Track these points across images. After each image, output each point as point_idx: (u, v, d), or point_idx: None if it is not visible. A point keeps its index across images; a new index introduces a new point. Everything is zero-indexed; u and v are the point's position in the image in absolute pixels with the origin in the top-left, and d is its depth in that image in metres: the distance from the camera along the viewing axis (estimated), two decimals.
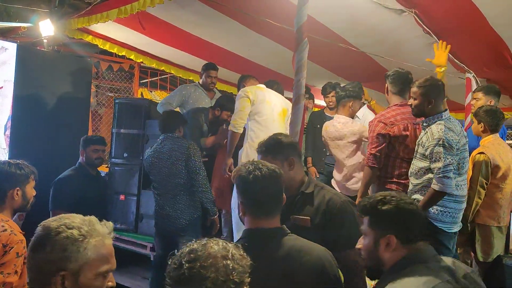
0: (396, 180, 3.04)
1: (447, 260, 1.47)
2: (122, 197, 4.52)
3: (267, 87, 3.66)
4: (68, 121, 4.79)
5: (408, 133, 3.00)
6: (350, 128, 3.68)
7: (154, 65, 5.71)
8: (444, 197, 2.62)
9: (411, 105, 2.88)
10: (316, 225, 1.96)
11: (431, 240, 1.64)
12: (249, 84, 3.88)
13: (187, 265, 1.11)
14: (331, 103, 4.54)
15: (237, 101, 3.48)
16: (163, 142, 3.38)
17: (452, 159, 2.63)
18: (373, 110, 4.31)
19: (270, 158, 1.97)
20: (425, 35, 3.85)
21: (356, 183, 3.62)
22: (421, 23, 3.65)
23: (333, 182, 3.81)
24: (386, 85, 3.24)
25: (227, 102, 4.08)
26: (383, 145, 3.02)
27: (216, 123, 4.14)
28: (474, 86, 4.65)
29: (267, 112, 3.47)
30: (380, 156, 3.03)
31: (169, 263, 1.17)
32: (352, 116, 3.84)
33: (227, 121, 3.93)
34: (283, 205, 1.69)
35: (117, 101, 4.81)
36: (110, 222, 1.34)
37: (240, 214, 1.66)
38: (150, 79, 8.36)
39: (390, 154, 3.08)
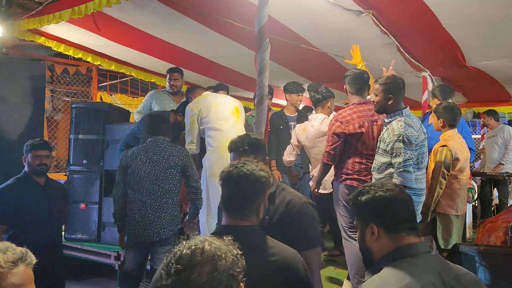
0: (357, 177, 3.12)
1: (439, 259, 1.43)
2: (82, 206, 4.36)
3: (214, 91, 3.82)
4: (20, 129, 4.38)
5: (364, 130, 3.10)
6: (328, 122, 3.75)
7: (113, 68, 5.52)
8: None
9: (373, 101, 2.97)
10: (274, 224, 1.96)
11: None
12: (196, 95, 3.89)
13: (181, 272, 1.05)
14: (299, 102, 4.56)
15: (186, 121, 3.67)
16: (155, 144, 3.09)
17: (411, 154, 2.73)
18: None
19: (253, 158, 1.93)
20: (382, 36, 3.96)
21: None
22: (379, 24, 3.75)
23: (312, 183, 3.77)
24: (345, 85, 3.32)
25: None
26: (338, 143, 3.13)
27: (178, 128, 4.06)
28: (430, 84, 4.85)
29: (217, 115, 3.58)
30: (335, 154, 3.15)
31: (162, 270, 1.09)
32: (329, 114, 3.97)
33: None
34: None
35: (74, 105, 4.63)
36: (20, 248, 1.27)
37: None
38: (109, 82, 8.11)
39: (348, 151, 3.17)
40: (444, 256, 3.17)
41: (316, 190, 3.47)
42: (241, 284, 1.11)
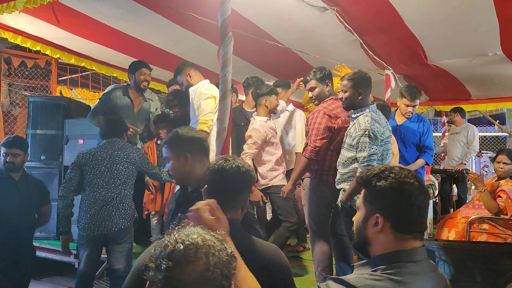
0: (333, 174, 3.10)
1: (434, 267, 1.34)
2: None
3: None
4: None
5: (347, 125, 3.08)
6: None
7: (72, 61, 5.32)
8: None
9: (341, 98, 2.96)
10: None
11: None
12: (195, 75, 3.81)
13: (172, 269, 0.98)
14: None
15: (204, 101, 3.58)
16: (112, 144, 3.23)
17: (376, 149, 2.75)
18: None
19: (168, 152, 2.04)
20: (346, 33, 3.99)
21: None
22: (343, 21, 3.77)
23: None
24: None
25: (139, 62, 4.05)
26: (328, 137, 3.10)
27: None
28: (393, 82, 4.95)
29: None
30: (321, 148, 3.10)
31: (151, 263, 1.02)
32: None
33: (141, 88, 4.09)
34: (177, 200, 1.83)
35: (31, 99, 4.46)
36: None
37: None
38: (69, 76, 7.84)
39: (329, 147, 3.15)
40: None
41: (288, 192, 3.40)
42: (232, 283, 1.05)
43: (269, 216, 4.61)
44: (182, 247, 0.99)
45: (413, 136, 4.04)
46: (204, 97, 3.60)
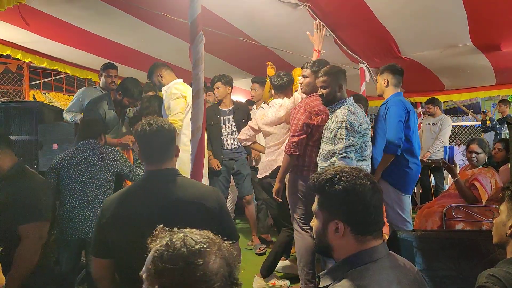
0: (314, 169, 3.13)
1: (398, 262, 1.35)
2: None
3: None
4: None
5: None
6: (285, 107, 3.69)
7: (45, 65, 5.22)
8: None
9: (321, 95, 2.97)
10: None
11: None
12: (166, 75, 3.77)
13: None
14: (216, 95, 4.58)
15: (174, 101, 3.55)
16: (88, 146, 3.18)
17: (353, 141, 2.79)
18: None
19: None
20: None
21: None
22: (315, 16, 3.80)
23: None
24: (309, 77, 3.30)
25: (132, 87, 3.87)
26: (306, 133, 3.11)
27: (120, 107, 3.98)
28: (367, 76, 5.00)
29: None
30: (301, 144, 3.11)
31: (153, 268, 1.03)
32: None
33: (129, 106, 4.01)
34: None
35: (2, 105, 4.34)
36: None
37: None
38: (42, 80, 7.67)
39: (308, 143, 3.17)
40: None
41: (277, 190, 3.32)
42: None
43: None
44: (184, 265, 1.01)
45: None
46: (174, 97, 3.58)
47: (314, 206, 1.38)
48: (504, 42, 4.32)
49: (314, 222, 1.39)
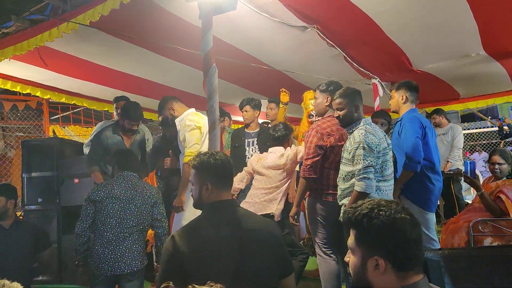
0: (332, 192, 3.08)
1: None
2: None
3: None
4: None
5: (343, 143, 3.05)
6: (287, 156, 3.69)
7: (63, 100, 5.37)
8: None
9: (338, 117, 2.96)
10: None
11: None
12: (177, 107, 3.78)
13: None
14: (245, 118, 4.54)
15: (189, 133, 3.49)
16: (127, 180, 3.09)
17: (371, 161, 2.74)
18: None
19: None
20: (329, 48, 4.05)
21: None
22: (324, 37, 3.83)
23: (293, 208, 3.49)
24: (327, 97, 3.25)
25: (129, 109, 3.93)
26: (320, 155, 3.07)
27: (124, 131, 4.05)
28: (381, 91, 4.99)
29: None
30: (316, 167, 3.07)
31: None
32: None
33: (131, 130, 4.01)
34: None
35: (24, 143, 4.47)
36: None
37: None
38: (61, 114, 7.87)
39: (324, 165, 3.12)
40: None
41: (294, 214, 3.30)
42: None
43: None
44: None
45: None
46: (188, 129, 3.54)
47: (351, 241, 1.32)
48: None
49: (351, 258, 1.33)
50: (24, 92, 5.09)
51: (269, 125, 5.00)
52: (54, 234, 4.18)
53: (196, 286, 1.14)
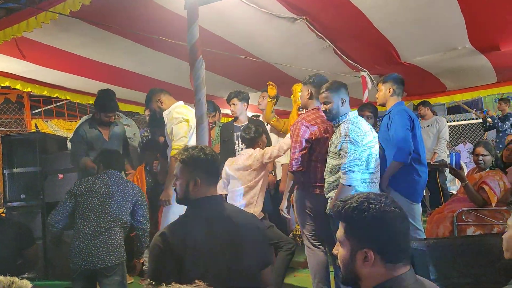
0: (320, 184, 3.08)
1: (427, 285, 1.33)
2: None
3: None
4: None
5: (328, 135, 3.07)
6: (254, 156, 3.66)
7: (45, 93, 5.20)
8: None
9: (325, 110, 2.95)
10: None
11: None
12: (165, 99, 3.69)
13: None
14: (233, 111, 4.46)
15: (176, 126, 3.44)
16: (110, 177, 3.10)
17: (357, 155, 2.76)
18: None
19: None
20: (318, 40, 4.01)
21: None
22: (313, 29, 3.79)
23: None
24: (308, 89, 3.24)
25: (103, 101, 3.93)
26: (307, 148, 3.07)
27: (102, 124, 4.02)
28: (369, 83, 4.99)
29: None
30: (303, 160, 3.07)
31: None
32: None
33: (109, 122, 3.99)
34: None
35: (4, 138, 4.34)
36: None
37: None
38: (44, 108, 7.65)
39: (311, 158, 3.12)
40: None
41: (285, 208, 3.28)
42: None
43: None
44: None
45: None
46: (176, 121, 3.49)
47: (340, 234, 1.33)
48: (503, 42, 4.34)
49: (340, 251, 1.34)
50: (3, 85, 4.89)
51: (260, 118, 4.94)
52: (39, 231, 4.09)
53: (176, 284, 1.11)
